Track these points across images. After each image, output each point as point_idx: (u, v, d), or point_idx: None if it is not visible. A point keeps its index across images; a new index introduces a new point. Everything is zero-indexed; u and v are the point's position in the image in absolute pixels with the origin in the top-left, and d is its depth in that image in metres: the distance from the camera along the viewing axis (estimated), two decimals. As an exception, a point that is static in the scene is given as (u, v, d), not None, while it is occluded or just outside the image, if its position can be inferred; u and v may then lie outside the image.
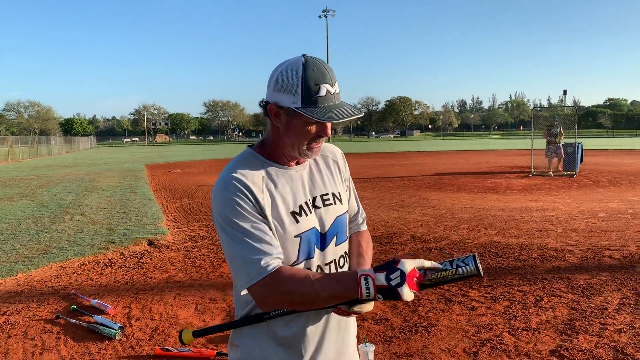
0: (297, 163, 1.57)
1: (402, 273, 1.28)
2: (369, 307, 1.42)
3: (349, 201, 1.75)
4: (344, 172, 1.73)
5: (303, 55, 1.42)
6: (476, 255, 1.33)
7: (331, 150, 1.71)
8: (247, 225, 1.38)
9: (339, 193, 1.64)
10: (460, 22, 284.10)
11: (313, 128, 1.43)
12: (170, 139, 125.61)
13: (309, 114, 1.35)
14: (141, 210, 10.24)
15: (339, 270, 1.58)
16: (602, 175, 15.90)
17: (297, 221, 1.47)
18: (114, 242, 7.27)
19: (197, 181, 16.57)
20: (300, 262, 1.49)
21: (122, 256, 6.59)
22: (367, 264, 1.63)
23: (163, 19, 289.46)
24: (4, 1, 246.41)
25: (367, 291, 1.29)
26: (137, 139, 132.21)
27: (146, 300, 4.86)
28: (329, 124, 1.44)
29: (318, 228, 1.53)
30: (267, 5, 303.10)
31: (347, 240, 1.66)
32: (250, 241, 1.37)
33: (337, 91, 1.42)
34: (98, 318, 4.26)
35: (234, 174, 1.42)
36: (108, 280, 5.53)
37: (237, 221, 1.38)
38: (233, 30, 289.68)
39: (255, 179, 1.43)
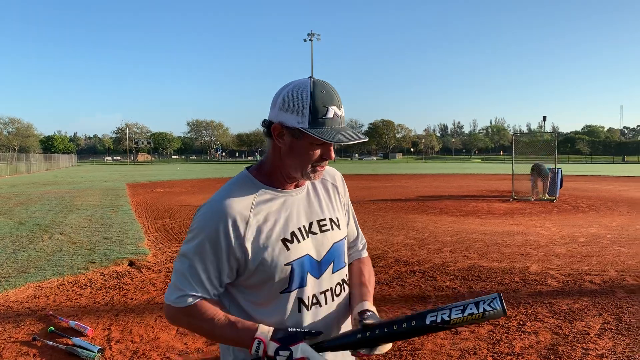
0: (296, 186, 1.54)
1: (291, 356, 1.34)
2: (388, 346, 1.41)
3: (348, 225, 1.72)
4: (343, 197, 1.70)
5: (309, 77, 1.41)
6: (501, 295, 1.32)
7: (330, 174, 1.68)
8: (197, 260, 1.40)
9: (337, 218, 1.60)
10: (441, 48, 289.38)
11: (317, 151, 1.42)
12: (153, 158, 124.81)
13: (316, 135, 1.34)
14: (122, 229, 10.10)
15: (335, 299, 1.55)
16: (581, 200, 16.15)
17: (288, 249, 1.44)
18: (94, 262, 7.15)
19: (179, 201, 16.43)
20: (293, 291, 1.46)
21: (102, 276, 6.47)
22: (369, 295, 1.60)
23: (147, 38, 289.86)
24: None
25: (256, 353, 1.36)
26: (118, 157, 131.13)
27: (126, 322, 4.77)
28: (333, 147, 1.44)
29: (313, 255, 1.49)
30: (252, 27, 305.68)
31: (346, 267, 1.62)
32: (188, 272, 1.41)
33: (343, 115, 1.42)
34: (77, 340, 4.16)
35: (222, 202, 1.42)
36: (87, 301, 5.42)
37: (194, 250, 1.41)
38: (217, 51, 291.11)
39: (242, 208, 1.42)
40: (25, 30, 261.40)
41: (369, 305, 1.54)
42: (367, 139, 1.46)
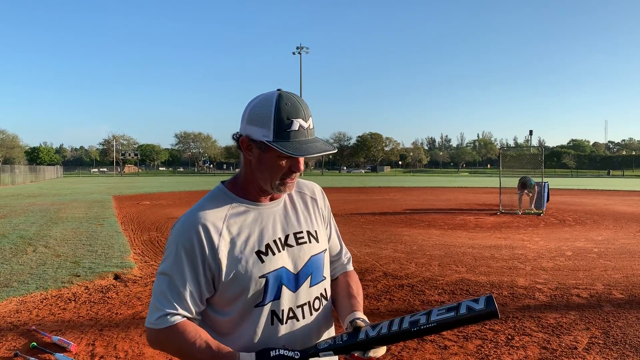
0: (272, 199, 1.54)
1: None
2: (382, 350, 1.39)
3: (329, 240, 1.71)
4: (323, 210, 1.69)
5: (278, 89, 1.41)
6: (492, 296, 1.32)
7: (309, 187, 1.68)
8: (175, 275, 1.40)
9: (315, 231, 1.59)
10: (429, 62, 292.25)
11: (285, 163, 1.41)
12: (140, 170, 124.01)
13: (280, 148, 1.34)
14: (108, 242, 9.98)
15: (314, 313, 1.53)
16: (567, 214, 16.28)
17: (262, 261, 1.43)
18: (78, 276, 7.04)
19: (166, 213, 16.30)
20: (267, 304, 1.44)
21: (86, 290, 6.37)
22: (360, 306, 1.59)
23: (135, 49, 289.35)
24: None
25: None
26: (105, 169, 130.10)
27: (111, 337, 4.68)
28: (301, 160, 1.43)
29: (289, 268, 1.48)
30: (242, 39, 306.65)
31: (325, 281, 1.60)
32: (167, 289, 1.40)
33: (311, 126, 1.41)
34: (59, 356, 4.07)
35: (195, 214, 1.43)
36: (71, 316, 5.33)
37: (171, 265, 1.41)
38: (206, 63, 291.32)
39: (215, 219, 1.42)
40: (11, 39, 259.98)
41: (361, 314, 1.53)
42: (335, 150, 1.45)
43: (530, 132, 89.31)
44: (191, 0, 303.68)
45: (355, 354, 1.38)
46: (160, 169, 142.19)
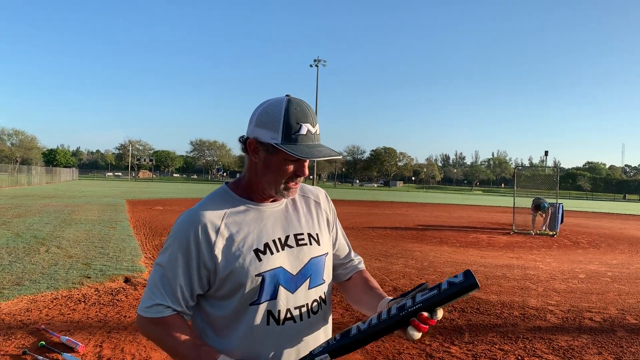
0: (273, 200, 1.55)
1: None
2: (440, 313, 1.37)
3: (336, 243, 1.72)
4: (328, 214, 1.70)
5: (287, 95, 1.44)
6: (470, 270, 1.34)
7: (313, 192, 1.69)
8: (169, 268, 1.43)
9: (317, 234, 1.59)
10: (446, 81, 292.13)
11: (291, 167, 1.43)
12: (154, 176, 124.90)
13: (288, 151, 1.36)
14: (119, 245, 10.04)
15: (312, 316, 1.52)
16: (581, 236, 16.08)
17: (260, 259, 1.44)
18: (89, 277, 7.08)
19: (178, 219, 16.35)
20: (262, 303, 1.44)
21: (96, 292, 6.40)
22: (385, 294, 1.58)
23: (154, 57, 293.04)
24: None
25: None
26: (120, 173, 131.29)
27: (119, 339, 4.69)
28: (306, 164, 1.45)
29: (287, 268, 1.48)
30: (259, 51, 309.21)
31: (325, 285, 1.59)
32: (160, 282, 1.44)
33: (318, 132, 1.43)
34: (67, 356, 4.09)
35: (195, 212, 1.46)
36: (80, 317, 5.35)
37: (167, 259, 1.44)
38: (224, 73, 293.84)
39: (214, 216, 1.45)
40: (35, 43, 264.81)
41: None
42: (340, 156, 1.48)
43: (546, 153, 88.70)
44: (211, 12, 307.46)
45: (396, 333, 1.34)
46: (174, 175, 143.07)
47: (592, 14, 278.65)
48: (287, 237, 1.51)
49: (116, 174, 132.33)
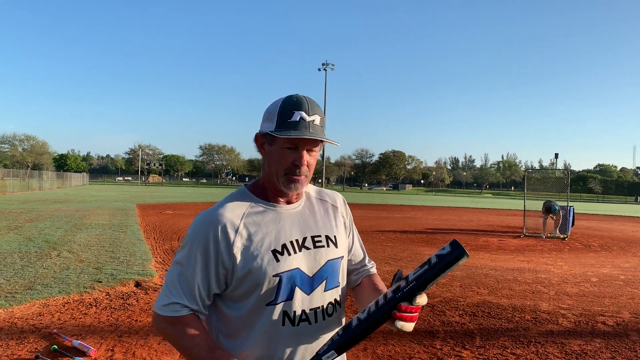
0: (289, 202, 1.57)
1: None
2: (424, 299, 1.37)
3: (352, 248, 1.72)
4: (345, 218, 1.71)
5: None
6: (456, 240, 1.36)
7: (331, 196, 1.71)
8: (187, 267, 1.44)
9: (334, 237, 1.60)
10: (456, 84, 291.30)
11: (289, 156, 1.46)
12: (164, 180, 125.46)
13: (275, 133, 1.42)
14: (130, 250, 10.09)
15: (327, 318, 1.53)
16: (593, 239, 15.94)
17: (278, 260, 1.45)
18: (100, 282, 7.12)
19: (188, 223, 16.35)
20: (278, 303, 1.45)
21: (107, 296, 6.44)
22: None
23: (163, 62, 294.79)
24: (4, 37, 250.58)
25: None
26: (130, 178, 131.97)
27: (130, 343, 4.71)
28: (304, 153, 1.46)
29: (304, 269, 1.49)
30: (268, 54, 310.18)
31: (340, 288, 1.60)
32: (177, 280, 1.45)
33: (316, 122, 1.46)
34: (79, 360, 4.11)
35: (215, 211, 1.48)
36: (92, 321, 5.38)
37: (185, 257, 1.45)
38: (232, 77, 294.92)
39: (234, 216, 1.47)
40: (44, 50, 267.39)
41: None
42: (337, 144, 1.53)
43: (556, 155, 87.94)
44: (219, 19, 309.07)
45: (403, 304, 1.33)
46: (184, 179, 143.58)
47: (603, 15, 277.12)
48: (304, 239, 1.53)
49: (126, 178, 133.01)
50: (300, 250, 1.50)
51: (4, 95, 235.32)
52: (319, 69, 69.12)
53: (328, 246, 1.56)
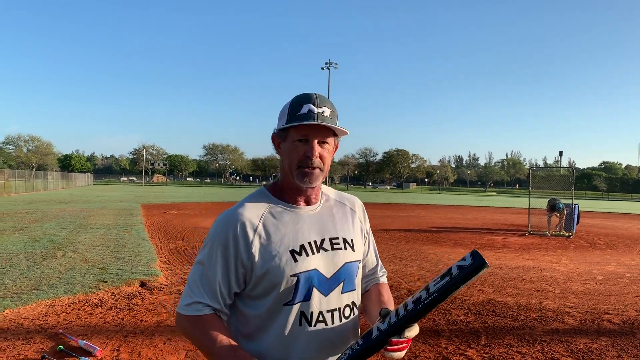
0: (307, 203, 1.58)
1: None
2: (416, 329, 1.38)
3: (366, 255, 1.73)
4: (362, 223, 1.72)
5: None
6: (476, 250, 1.35)
7: (349, 200, 1.73)
8: (210, 266, 1.47)
9: (352, 240, 1.61)
10: (459, 82, 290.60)
11: (300, 148, 1.48)
12: (168, 180, 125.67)
13: (284, 125, 1.47)
14: (135, 250, 10.11)
15: (343, 320, 1.54)
16: (598, 237, 15.89)
17: (296, 260, 1.46)
18: (105, 282, 7.14)
19: (192, 223, 16.46)
20: (296, 303, 1.46)
21: (113, 296, 6.45)
22: (390, 307, 1.60)
23: (166, 62, 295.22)
24: (7, 37, 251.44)
25: None
26: (134, 178, 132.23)
27: (135, 343, 4.72)
28: (315, 146, 1.48)
29: (322, 271, 1.50)
30: (270, 54, 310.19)
31: (357, 291, 1.61)
32: (199, 279, 1.48)
33: (325, 114, 1.48)
34: (85, 360, 4.12)
35: (235, 211, 1.50)
36: (97, 321, 5.40)
37: (207, 257, 1.48)
38: (235, 77, 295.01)
39: (253, 216, 1.49)
40: (48, 53, 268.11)
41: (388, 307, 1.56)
42: (346, 132, 1.54)
43: (560, 153, 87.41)
44: (220, 19, 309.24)
45: (394, 339, 1.36)
46: (187, 179, 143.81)
47: (607, 13, 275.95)
48: (322, 241, 1.54)
49: (130, 178, 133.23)
50: (318, 252, 1.51)
51: (9, 96, 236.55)
52: (322, 68, 69.01)
53: (345, 249, 1.57)
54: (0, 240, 10.99)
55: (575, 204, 16.61)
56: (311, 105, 1.47)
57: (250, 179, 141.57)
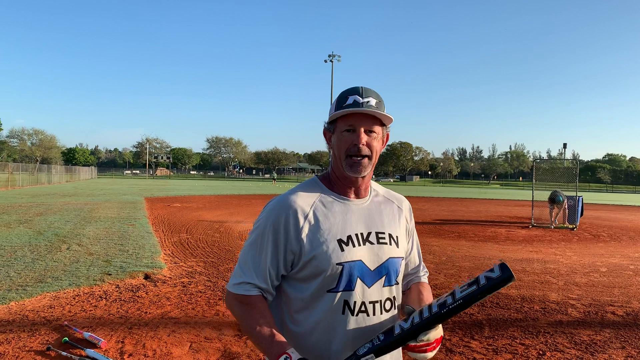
0: (357, 196, 1.63)
1: None
2: (435, 333, 1.41)
3: (409, 254, 1.77)
4: (408, 223, 1.76)
5: None
6: (504, 263, 1.38)
7: (397, 198, 1.78)
8: (261, 248, 1.53)
9: (397, 236, 1.66)
10: (462, 73, 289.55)
11: (348, 137, 1.54)
12: (171, 173, 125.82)
13: (332, 116, 1.55)
14: (139, 243, 10.15)
15: (384, 313, 1.57)
16: (602, 229, 15.86)
17: (342, 249, 1.51)
18: (110, 274, 7.17)
19: (196, 216, 16.50)
20: (339, 292, 1.50)
21: (117, 289, 6.48)
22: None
23: (170, 56, 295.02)
24: (12, 32, 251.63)
25: None
26: (137, 171, 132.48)
27: (140, 335, 4.75)
28: (362, 134, 1.53)
29: (366, 262, 1.54)
30: (273, 47, 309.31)
31: (398, 286, 1.65)
32: (250, 260, 1.54)
33: (371, 103, 1.54)
34: (90, 352, 4.15)
35: (287, 197, 1.57)
36: (102, 313, 5.42)
37: (258, 239, 1.55)
38: (238, 69, 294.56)
39: (304, 203, 1.55)
40: (52, 45, 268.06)
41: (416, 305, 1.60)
42: (390, 119, 1.59)
43: (564, 145, 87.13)
44: (223, 13, 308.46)
45: (410, 344, 1.41)
46: (191, 172, 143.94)
47: (609, 5, 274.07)
48: (369, 234, 1.58)
49: (134, 171, 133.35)
50: (364, 244, 1.55)
51: (13, 90, 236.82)
52: (325, 61, 68.81)
53: (390, 244, 1.61)
54: (5, 233, 11.04)
55: (579, 196, 16.58)
56: (356, 96, 1.53)
57: (254, 172, 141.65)
